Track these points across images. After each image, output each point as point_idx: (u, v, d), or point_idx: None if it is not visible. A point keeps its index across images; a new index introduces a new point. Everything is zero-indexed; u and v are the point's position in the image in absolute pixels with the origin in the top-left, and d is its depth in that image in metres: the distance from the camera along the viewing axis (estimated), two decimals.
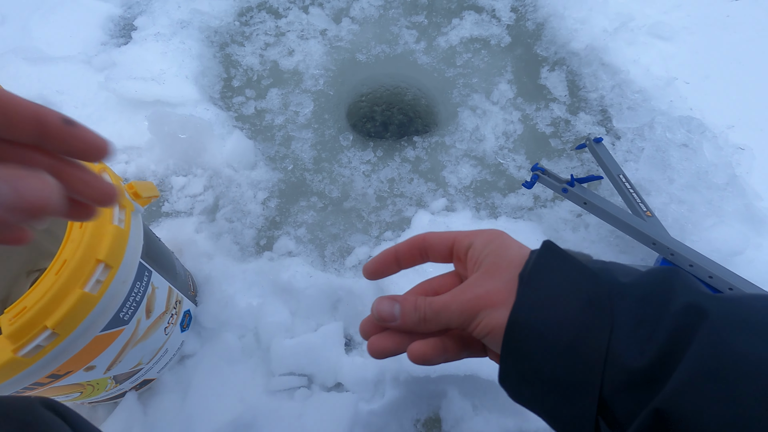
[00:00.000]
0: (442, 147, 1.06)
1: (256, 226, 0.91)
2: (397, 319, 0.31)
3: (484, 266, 0.31)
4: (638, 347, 0.24)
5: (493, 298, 0.29)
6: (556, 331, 0.26)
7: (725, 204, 0.86)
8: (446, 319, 0.30)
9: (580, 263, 0.29)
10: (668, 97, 1.04)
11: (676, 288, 0.25)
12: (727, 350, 0.21)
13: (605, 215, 0.78)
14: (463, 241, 0.33)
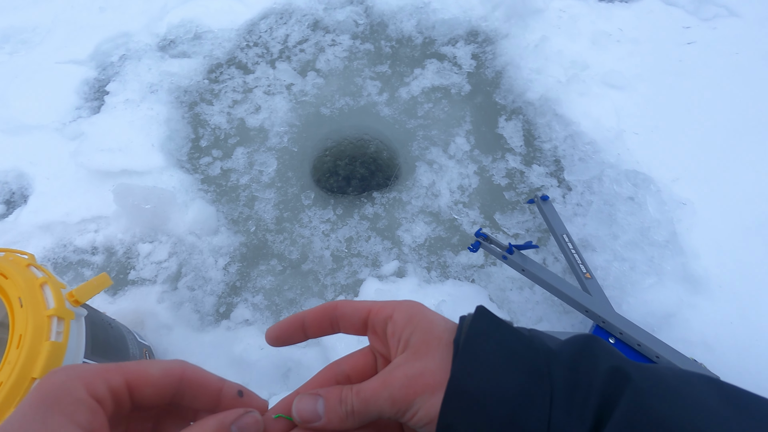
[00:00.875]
0: (399, 203, 1.10)
1: (217, 292, 0.95)
2: (321, 418, 0.27)
3: (411, 345, 0.28)
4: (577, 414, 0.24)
5: (428, 380, 0.26)
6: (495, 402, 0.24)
7: (664, 263, 0.88)
8: (377, 410, 0.27)
9: (514, 329, 0.27)
10: (617, 150, 1.07)
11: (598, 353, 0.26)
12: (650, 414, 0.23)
13: (542, 282, 0.81)
14: (380, 313, 0.30)
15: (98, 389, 0.23)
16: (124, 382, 0.24)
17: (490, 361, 0.26)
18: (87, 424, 0.22)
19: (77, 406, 0.22)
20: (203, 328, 0.89)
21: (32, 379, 0.50)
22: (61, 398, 0.22)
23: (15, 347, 0.51)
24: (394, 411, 0.26)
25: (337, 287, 0.95)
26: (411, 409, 0.26)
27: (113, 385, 0.23)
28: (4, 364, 0.51)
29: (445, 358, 0.27)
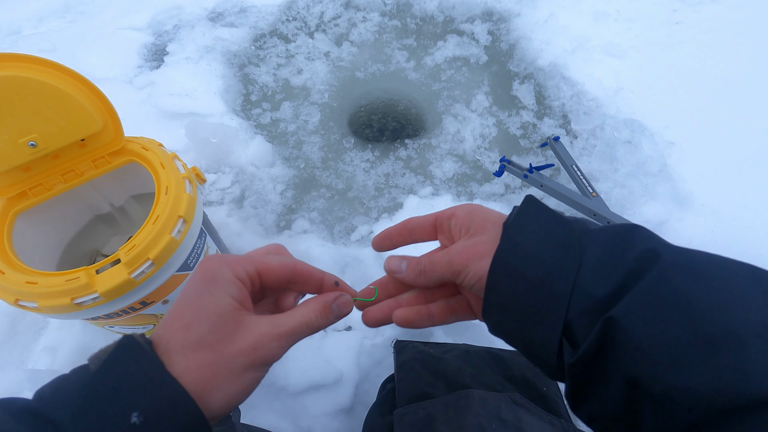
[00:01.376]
0: (429, 147, 1.26)
1: (276, 212, 1.10)
2: (402, 272, 0.36)
3: (470, 229, 0.34)
4: (601, 281, 0.27)
5: (480, 249, 0.32)
6: (531, 267, 0.29)
7: (657, 187, 1.06)
8: (440, 271, 0.33)
9: (556, 213, 0.32)
10: (616, 104, 1.26)
11: (636, 237, 0.29)
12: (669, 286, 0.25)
13: (557, 195, 0.98)
14: (445, 214, 0.37)
15: (239, 273, 0.30)
16: (255, 270, 0.31)
17: (531, 237, 0.30)
18: (236, 295, 0.29)
19: (228, 283, 0.29)
20: (268, 236, 1.04)
21: (179, 216, 0.66)
22: (216, 278, 0.29)
23: (164, 194, 0.67)
24: (451, 272, 0.33)
25: (380, 209, 1.11)
26: (464, 272, 0.32)
27: (248, 270, 0.31)
28: (157, 205, 0.66)
29: (495, 235, 0.32)
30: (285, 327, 0.30)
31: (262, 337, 0.29)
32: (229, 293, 0.29)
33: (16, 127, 0.60)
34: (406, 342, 0.73)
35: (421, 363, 0.65)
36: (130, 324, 0.73)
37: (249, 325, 0.29)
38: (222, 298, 0.29)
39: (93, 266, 0.61)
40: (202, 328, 0.28)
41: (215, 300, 0.28)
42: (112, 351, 0.27)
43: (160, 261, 0.63)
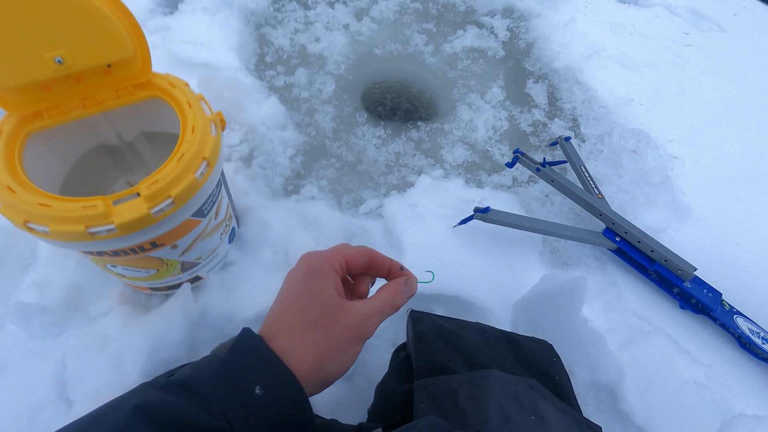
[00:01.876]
0: (441, 132, 1.27)
1: (285, 175, 1.08)
2: None
3: None
4: None
5: None
6: None
7: (658, 197, 1.10)
8: None
9: None
10: (625, 114, 1.29)
11: None
12: None
13: (567, 191, 1.00)
14: None
15: (335, 265, 0.38)
16: (344, 260, 0.39)
17: None
18: (333, 281, 0.37)
19: (329, 274, 0.37)
20: (275, 198, 1.02)
21: (203, 158, 0.64)
22: (319, 270, 0.37)
23: (190, 133, 0.64)
24: None
25: (389, 185, 1.11)
26: None
27: (340, 262, 0.39)
28: (182, 143, 0.63)
29: None
30: (375, 308, 0.37)
31: (360, 318, 0.36)
32: (332, 283, 0.37)
33: (46, 39, 0.57)
34: (421, 313, 0.74)
35: (440, 336, 0.65)
36: (134, 265, 0.71)
37: (348, 308, 0.36)
38: (327, 287, 0.36)
39: (111, 196, 0.58)
40: (314, 312, 0.35)
41: (322, 290, 0.36)
42: (235, 341, 0.35)
43: (181, 201, 0.61)
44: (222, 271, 0.87)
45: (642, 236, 0.93)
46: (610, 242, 0.95)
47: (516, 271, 0.93)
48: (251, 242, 0.89)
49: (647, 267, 0.92)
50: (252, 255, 0.88)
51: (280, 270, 0.89)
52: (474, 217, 0.92)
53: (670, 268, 0.90)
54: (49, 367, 0.73)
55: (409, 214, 0.96)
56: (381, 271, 0.42)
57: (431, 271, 0.48)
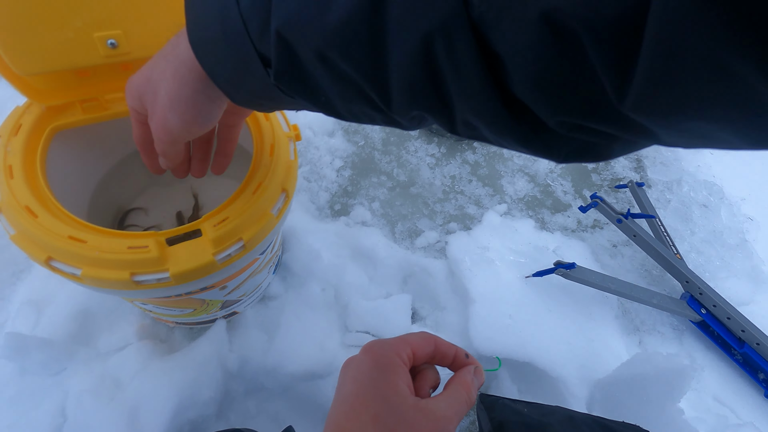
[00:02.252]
0: (500, 158, 1.14)
1: (331, 190, 0.94)
2: None
3: None
4: None
5: None
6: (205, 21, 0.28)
7: (735, 262, 1.00)
8: None
9: None
10: (696, 162, 1.19)
11: None
12: None
13: (650, 250, 0.90)
14: None
15: (403, 357, 0.34)
16: (411, 350, 0.35)
17: None
18: (404, 378, 0.33)
19: (398, 368, 0.33)
20: (322, 218, 0.89)
21: (282, 189, 0.50)
22: (388, 364, 0.33)
23: (268, 155, 0.50)
24: None
25: (446, 215, 0.98)
26: None
27: (408, 352, 0.35)
28: (257, 168, 0.50)
29: None
30: (454, 409, 0.33)
31: (440, 421, 0.32)
32: (403, 380, 0.33)
33: (99, 14, 0.42)
34: (495, 397, 0.62)
35: (525, 426, 0.55)
36: (170, 306, 0.57)
37: (426, 411, 0.32)
38: (400, 386, 0.32)
39: (164, 232, 0.44)
40: (390, 420, 0.30)
41: (395, 390, 0.32)
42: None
43: (252, 244, 0.48)
44: (261, 305, 0.74)
45: (732, 312, 0.83)
46: (694, 313, 0.85)
47: (591, 336, 0.82)
48: (297, 274, 0.76)
49: (735, 348, 0.83)
50: (297, 289, 0.75)
51: (330, 309, 0.76)
52: (555, 272, 0.80)
53: (762, 354, 0.81)
54: (44, 415, 0.59)
55: (478, 257, 0.84)
56: (446, 359, 0.38)
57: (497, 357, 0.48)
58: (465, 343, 0.76)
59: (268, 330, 0.70)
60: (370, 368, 0.33)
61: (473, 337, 0.75)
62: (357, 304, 0.76)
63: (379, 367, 0.33)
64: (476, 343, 0.74)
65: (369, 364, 0.33)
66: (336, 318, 0.76)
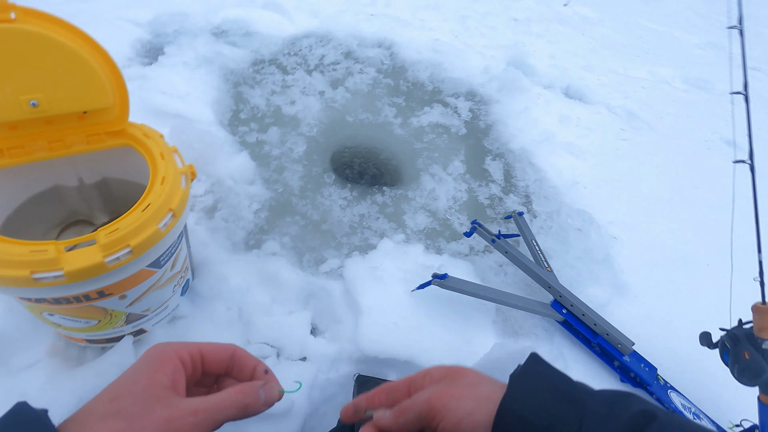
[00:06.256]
0: (405, 198, 1.33)
1: (247, 229, 1.08)
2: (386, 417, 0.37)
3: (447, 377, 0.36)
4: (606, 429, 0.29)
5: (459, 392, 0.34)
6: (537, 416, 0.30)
7: (600, 273, 1.18)
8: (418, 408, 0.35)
9: (558, 371, 0.34)
10: (572, 195, 1.41)
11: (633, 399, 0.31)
12: None
13: (519, 263, 1.06)
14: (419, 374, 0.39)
15: (183, 355, 0.33)
16: (198, 351, 0.34)
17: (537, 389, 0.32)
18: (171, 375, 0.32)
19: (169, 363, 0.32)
20: (235, 252, 1.01)
21: (170, 209, 0.64)
22: (158, 356, 0.32)
23: (159, 183, 0.65)
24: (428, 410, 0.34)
25: (352, 246, 1.13)
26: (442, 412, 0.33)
27: (192, 352, 0.34)
28: (149, 193, 0.64)
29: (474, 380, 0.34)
30: (204, 404, 0.31)
31: (178, 411, 0.30)
32: (166, 373, 0.31)
33: (23, 82, 0.58)
34: (368, 377, 0.72)
35: None
36: (74, 315, 0.67)
37: (170, 401, 0.30)
38: (158, 376, 0.31)
39: (64, 242, 0.57)
40: (126, 400, 0.29)
41: (150, 377, 0.31)
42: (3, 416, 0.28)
43: (139, 251, 0.60)
44: (169, 325, 0.83)
45: (586, 310, 0.99)
46: (558, 314, 1.00)
47: (469, 338, 0.94)
48: (205, 296, 0.87)
49: (591, 339, 0.97)
50: (204, 309, 0.85)
51: (233, 326, 0.86)
52: (432, 282, 0.94)
53: (611, 342, 0.95)
54: None
55: (370, 276, 0.97)
56: (244, 371, 0.37)
57: (299, 382, 0.44)
58: (353, 347, 0.87)
59: None
60: (141, 359, 0.33)
61: (360, 341, 0.86)
62: (259, 320, 0.87)
63: (148, 359, 0.33)
64: (362, 345, 0.86)
65: (142, 357, 0.33)
66: (239, 333, 0.86)
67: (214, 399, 0.32)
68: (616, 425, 0.29)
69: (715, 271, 1.28)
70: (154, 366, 0.31)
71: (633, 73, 2.30)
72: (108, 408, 0.29)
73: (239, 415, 0.33)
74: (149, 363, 0.32)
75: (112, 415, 0.28)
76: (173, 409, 0.30)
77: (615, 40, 2.60)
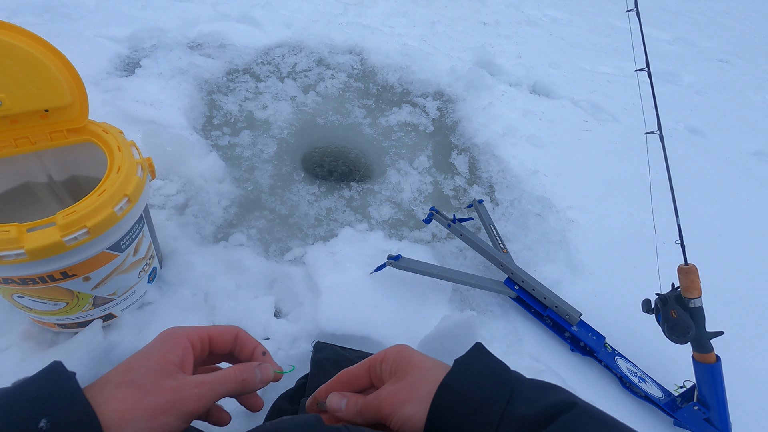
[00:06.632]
0: (371, 192, 1.39)
1: (216, 224, 1.14)
2: (342, 410, 0.41)
3: (397, 372, 0.39)
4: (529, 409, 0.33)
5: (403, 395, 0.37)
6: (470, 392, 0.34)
7: (556, 254, 1.24)
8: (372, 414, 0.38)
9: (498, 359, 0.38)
10: (532, 183, 1.48)
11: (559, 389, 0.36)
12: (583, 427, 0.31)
13: (473, 245, 1.12)
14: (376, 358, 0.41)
15: (193, 338, 0.38)
16: (206, 334, 0.39)
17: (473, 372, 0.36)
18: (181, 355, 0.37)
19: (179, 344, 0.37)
20: (204, 244, 1.07)
21: (125, 194, 0.70)
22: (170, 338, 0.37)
23: (115, 172, 0.71)
24: (381, 417, 0.38)
25: (317, 236, 1.19)
26: (390, 417, 0.37)
27: (200, 334, 0.39)
28: (106, 180, 0.70)
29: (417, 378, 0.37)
30: (207, 378, 0.36)
31: (185, 383, 0.34)
32: (177, 353, 0.36)
33: None
34: (325, 344, 0.78)
35: (335, 363, 0.70)
36: (42, 296, 0.72)
37: (177, 375, 0.35)
38: (169, 356, 0.36)
39: (26, 224, 0.63)
40: (139, 371, 0.34)
41: (161, 355, 0.35)
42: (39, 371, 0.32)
43: (96, 231, 0.66)
44: (138, 311, 0.89)
45: (536, 285, 1.04)
46: (510, 290, 1.06)
47: (425, 315, 1.00)
48: (172, 282, 0.93)
49: (541, 313, 1.03)
50: (171, 295, 0.91)
51: (199, 310, 0.92)
52: (386, 264, 1.00)
53: (560, 314, 1.01)
54: None
55: (329, 261, 1.03)
56: (245, 352, 0.41)
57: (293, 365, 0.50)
58: (312, 325, 0.92)
59: (141, 327, 0.85)
60: (155, 339, 0.37)
61: (319, 319, 0.92)
62: (224, 305, 0.92)
63: (162, 339, 0.37)
64: (321, 323, 0.91)
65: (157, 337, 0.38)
66: (204, 317, 0.91)
67: (216, 374, 0.36)
68: (538, 406, 0.33)
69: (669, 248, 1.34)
70: (167, 346, 0.36)
71: (600, 69, 2.39)
72: (123, 378, 0.33)
73: (238, 389, 0.37)
74: (162, 343, 0.37)
75: (127, 383, 0.33)
76: (181, 381, 0.34)
77: (584, 39, 2.70)
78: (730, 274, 1.30)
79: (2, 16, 1.62)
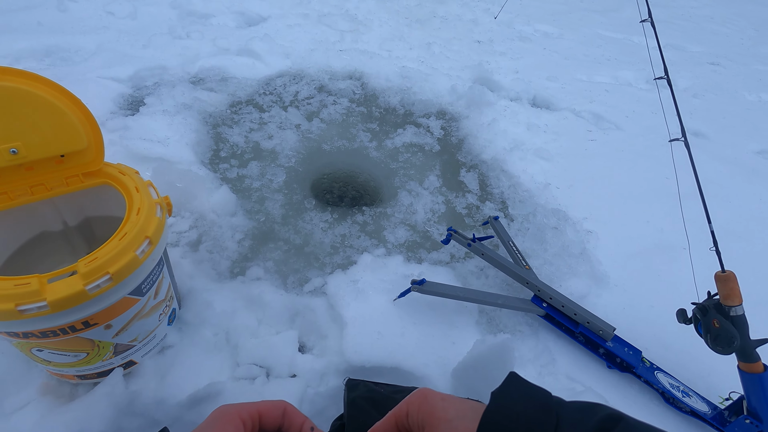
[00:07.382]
0: (384, 216, 1.37)
1: (232, 258, 1.12)
2: None
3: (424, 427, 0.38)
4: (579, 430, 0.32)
5: None
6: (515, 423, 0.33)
7: (578, 267, 1.21)
8: None
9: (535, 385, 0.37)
10: (545, 196, 1.46)
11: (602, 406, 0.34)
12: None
13: (496, 263, 1.09)
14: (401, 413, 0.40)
15: (243, 415, 0.38)
16: (256, 410, 0.39)
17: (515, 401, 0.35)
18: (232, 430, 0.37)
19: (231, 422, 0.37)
20: (221, 281, 1.04)
21: (146, 237, 0.68)
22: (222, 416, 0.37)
23: (135, 214, 0.69)
24: None
25: (334, 264, 1.16)
26: None
27: (251, 412, 0.39)
28: (126, 223, 0.68)
29: None
30: None
31: None
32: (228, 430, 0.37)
33: (2, 132, 0.63)
34: (358, 381, 0.74)
35: (371, 401, 0.67)
36: (62, 348, 0.69)
37: None
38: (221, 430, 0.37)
39: (46, 274, 0.60)
40: None
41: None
42: None
43: (119, 277, 0.64)
44: (159, 355, 0.85)
45: (565, 301, 1.01)
46: (539, 308, 1.03)
47: (454, 339, 0.96)
48: (191, 323, 0.89)
49: (573, 330, 0.99)
50: (192, 336, 0.88)
51: (221, 351, 0.88)
52: (411, 289, 0.97)
53: (593, 330, 0.98)
54: None
55: (351, 289, 1.00)
56: (293, 427, 0.41)
57: None
58: (339, 359, 0.89)
59: (162, 373, 0.82)
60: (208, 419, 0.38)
61: (346, 352, 0.88)
62: (247, 342, 0.89)
63: (214, 418, 0.38)
64: (348, 356, 0.88)
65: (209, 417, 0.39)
66: (228, 356, 0.88)
67: None
68: (587, 427, 0.32)
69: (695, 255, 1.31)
70: (220, 425, 0.37)
71: (596, 79, 2.41)
72: None
73: None
74: (215, 422, 0.37)
75: None
76: None
77: (577, 51, 2.74)
78: (759, 278, 1.27)
79: (5, 62, 1.62)
